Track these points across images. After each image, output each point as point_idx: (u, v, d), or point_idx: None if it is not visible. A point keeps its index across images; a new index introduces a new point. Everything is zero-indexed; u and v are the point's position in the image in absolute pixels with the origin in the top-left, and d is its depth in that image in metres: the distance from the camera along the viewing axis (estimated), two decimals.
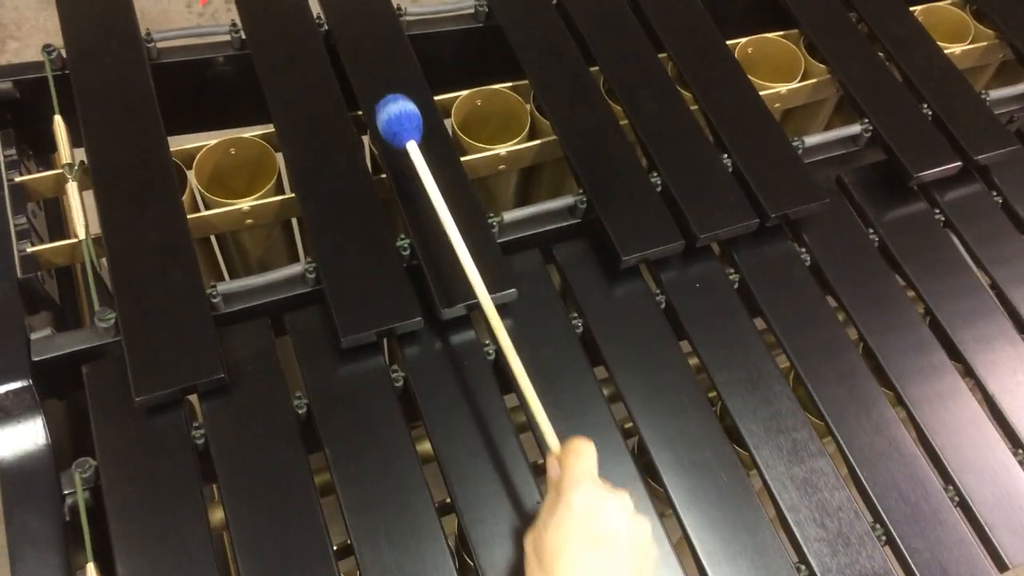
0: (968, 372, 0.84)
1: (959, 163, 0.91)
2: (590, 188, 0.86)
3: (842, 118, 1.11)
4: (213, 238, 0.99)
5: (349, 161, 0.85)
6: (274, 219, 0.89)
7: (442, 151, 0.85)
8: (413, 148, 0.76)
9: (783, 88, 0.99)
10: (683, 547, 0.74)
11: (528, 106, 0.96)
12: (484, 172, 0.94)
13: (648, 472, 0.78)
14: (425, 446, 0.76)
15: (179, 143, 0.88)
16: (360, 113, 0.89)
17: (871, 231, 0.91)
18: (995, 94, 0.98)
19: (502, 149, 0.92)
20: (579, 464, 0.64)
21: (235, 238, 0.95)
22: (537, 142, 0.93)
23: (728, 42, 1.02)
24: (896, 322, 0.86)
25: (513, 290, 0.79)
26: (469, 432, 0.76)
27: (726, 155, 0.90)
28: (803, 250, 0.89)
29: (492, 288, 0.78)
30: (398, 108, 0.76)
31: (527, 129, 0.94)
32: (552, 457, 0.67)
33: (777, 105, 1.01)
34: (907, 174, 0.90)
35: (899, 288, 0.88)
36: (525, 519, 0.71)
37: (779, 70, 1.04)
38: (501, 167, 0.94)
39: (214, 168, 0.92)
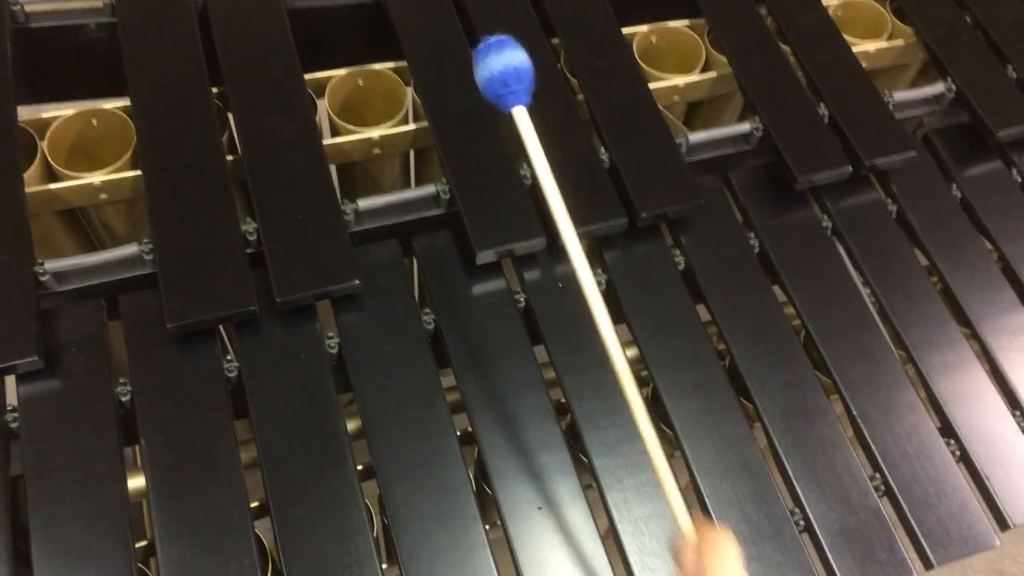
0: (836, 388, 0.81)
1: (849, 168, 0.87)
2: (454, 178, 0.82)
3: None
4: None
5: (203, 140, 0.81)
6: (130, 195, 0.86)
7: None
8: (521, 114, 0.62)
9: (680, 81, 0.95)
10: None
11: (408, 88, 0.92)
12: (358, 156, 0.91)
13: (484, 479, 0.75)
14: (250, 452, 0.73)
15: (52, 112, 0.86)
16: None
17: (752, 236, 0.87)
18: (900, 96, 0.93)
19: (375, 132, 0.88)
20: (724, 567, 0.55)
21: (98, 213, 0.91)
22: (412, 126, 0.89)
23: (628, 29, 0.97)
24: (765, 335, 0.82)
25: (356, 282, 0.76)
26: (296, 435, 0.73)
27: (604, 150, 0.86)
28: (677, 252, 0.85)
29: (332, 279, 0.75)
30: (504, 63, 0.60)
31: (403, 112, 0.90)
32: (687, 545, 0.58)
33: (676, 98, 0.97)
34: (792, 177, 0.86)
35: (773, 298, 0.84)
36: None
37: (683, 62, 0.99)
38: (376, 151, 0.90)
39: (76, 139, 0.88)
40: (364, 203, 0.81)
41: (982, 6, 1.01)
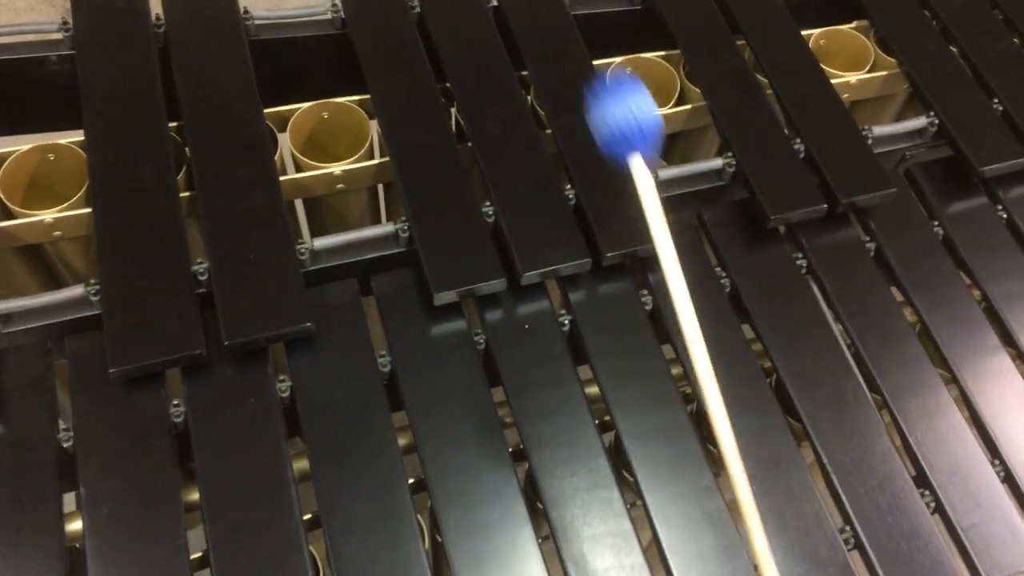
0: (806, 435, 0.77)
1: (824, 206, 0.84)
2: (414, 215, 0.80)
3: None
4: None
5: (157, 176, 0.80)
6: (86, 231, 0.84)
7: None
8: (638, 164, 0.59)
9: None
10: None
11: (373, 122, 0.90)
12: (321, 191, 0.89)
13: (436, 530, 0.72)
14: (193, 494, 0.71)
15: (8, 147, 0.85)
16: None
17: (723, 274, 0.84)
18: (880, 130, 0.90)
19: (337, 168, 0.86)
20: None
21: (56, 250, 0.90)
22: (375, 162, 0.87)
23: (602, 61, 0.95)
24: (734, 378, 0.79)
25: (308, 324, 0.74)
26: (241, 484, 0.70)
27: (571, 186, 0.83)
28: (645, 292, 0.82)
29: (284, 321, 0.73)
30: (629, 115, 0.57)
31: (366, 146, 0.88)
32: None
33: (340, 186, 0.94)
34: (764, 215, 0.83)
35: (743, 340, 0.81)
36: None
37: (657, 94, 0.97)
38: (339, 186, 0.88)
39: (34, 174, 0.87)
40: (320, 242, 0.79)
41: (969, 37, 0.98)
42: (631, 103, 0.57)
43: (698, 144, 1.01)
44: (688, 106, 0.94)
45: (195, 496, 0.71)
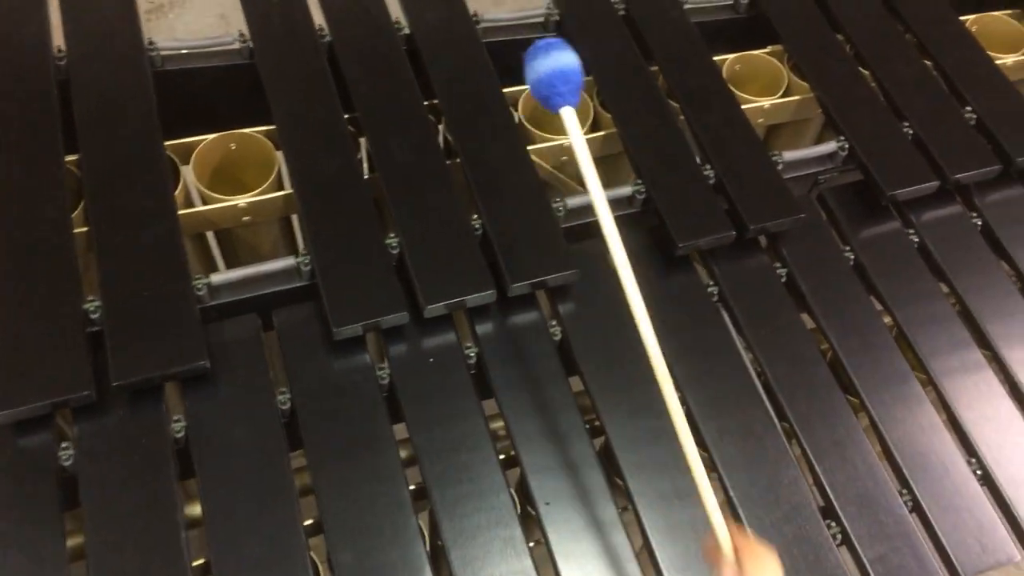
0: (713, 467, 0.76)
1: (733, 232, 0.83)
2: (316, 248, 0.79)
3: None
4: None
5: (52, 212, 0.78)
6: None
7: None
8: (569, 115, 0.62)
9: (565, 141, 0.92)
10: None
11: (279, 153, 0.89)
12: (226, 224, 0.87)
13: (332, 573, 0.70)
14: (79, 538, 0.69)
15: None
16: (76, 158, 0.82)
17: None
18: (791, 156, 0.90)
19: (241, 200, 0.85)
20: None
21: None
22: (281, 193, 0.86)
23: (513, 89, 0.95)
24: (640, 409, 0.78)
25: (202, 362, 0.72)
26: (130, 528, 0.68)
27: (477, 217, 0.82)
28: (554, 323, 0.81)
29: (177, 359, 0.71)
30: (551, 66, 0.61)
31: (272, 178, 0.87)
32: (726, 560, 0.59)
33: (565, 158, 0.94)
34: (673, 244, 0.82)
35: (650, 371, 0.80)
36: None
37: None
38: (245, 219, 0.86)
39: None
40: (218, 277, 0.78)
41: (881, 62, 0.98)
42: (555, 57, 0.61)
43: (619, 169, 1.00)
44: (601, 133, 0.93)
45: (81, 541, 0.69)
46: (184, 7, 2.40)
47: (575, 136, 0.61)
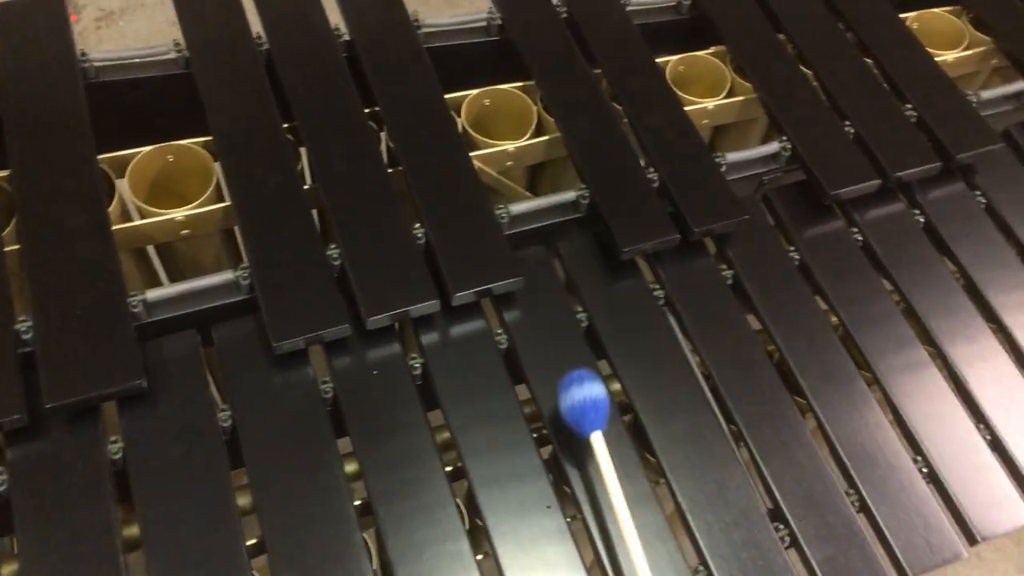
0: (661, 472, 0.76)
1: (677, 236, 0.83)
2: (255, 261, 0.78)
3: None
4: None
5: None
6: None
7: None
8: (598, 440, 0.70)
9: (511, 146, 0.91)
10: None
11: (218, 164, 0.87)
12: (164, 238, 0.86)
13: None
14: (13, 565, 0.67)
15: None
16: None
17: (580, 309, 0.82)
18: (734, 156, 0.90)
19: (179, 213, 0.83)
20: None
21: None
22: (220, 206, 0.84)
23: (457, 95, 0.94)
24: None
25: (139, 381, 0.71)
26: (66, 557, 0.66)
27: (419, 225, 0.81)
28: (500, 331, 0.80)
29: (112, 379, 0.70)
30: (583, 395, 0.70)
31: (211, 189, 0.85)
32: None
33: (509, 164, 0.93)
34: (618, 249, 0.82)
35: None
36: None
37: (519, 125, 0.96)
38: (184, 232, 0.85)
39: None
40: (154, 294, 0.76)
41: (823, 61, 0.98)
42: (587, 388, 0.70)
43: (565, 173, 1.00)
44: (546, 137, 0.92)
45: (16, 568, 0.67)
46: (135, 14, 2.37)
47: (604, 461, 0.69)
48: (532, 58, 0.94)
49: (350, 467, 0.74)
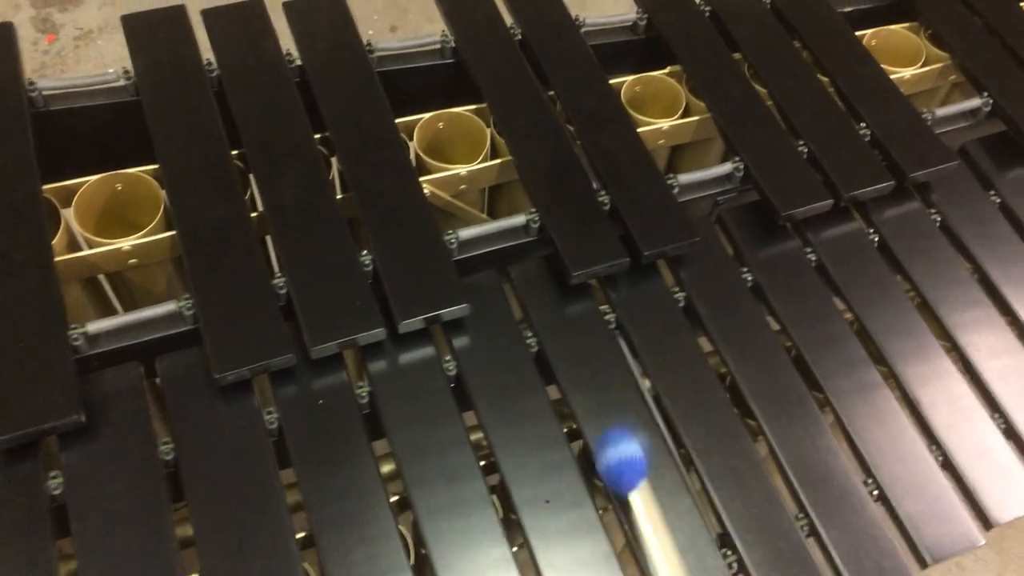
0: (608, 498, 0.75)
1: (628, 259, 0.83)
2: (199, 291, 0.77)
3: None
4: None
5: None
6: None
7: None
8: (636, 499, 0.72)
9: (463, 169, 0.90)
10: None
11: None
12: (112, 268, 0.85)
13: None
14: None
15: None
16: None
17: (530, 334, 0.82)
18: (686, 178, 0.90)
19: (125, 243, 0.83)
20: None
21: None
22: (167, 234, 0.83)
23: (409, 119, 0.93)
24: (536, 444, 0.76)
25: (77, 416, 0.70)
26: None
27: (366, 252, 0.81)
28: (448, 358, 0.80)
29: (52, 414, 0.69)
30: (620, 455, 0.71)
31: (158, 218, 0.85)
32: None
33: (463, 187, 0.93)
34: (567, 273, 0.82)
35: (547, 404, 0.79)
36: None
37: (473, 149, 0.95)
38: (132, 262, 0.84)
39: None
40: (95, 326, 0.75)
41: (777, 80, 0.98)
42: (623, 447, 0.71)
43: (519, 196, 1.00)
44: (498, 161, 0.92)
45: None
46: (113, 32, 2.37)
47: (642, 518, 0.70)
48: (484, 81, 0.94)
49: (294, 498, 0.74)
